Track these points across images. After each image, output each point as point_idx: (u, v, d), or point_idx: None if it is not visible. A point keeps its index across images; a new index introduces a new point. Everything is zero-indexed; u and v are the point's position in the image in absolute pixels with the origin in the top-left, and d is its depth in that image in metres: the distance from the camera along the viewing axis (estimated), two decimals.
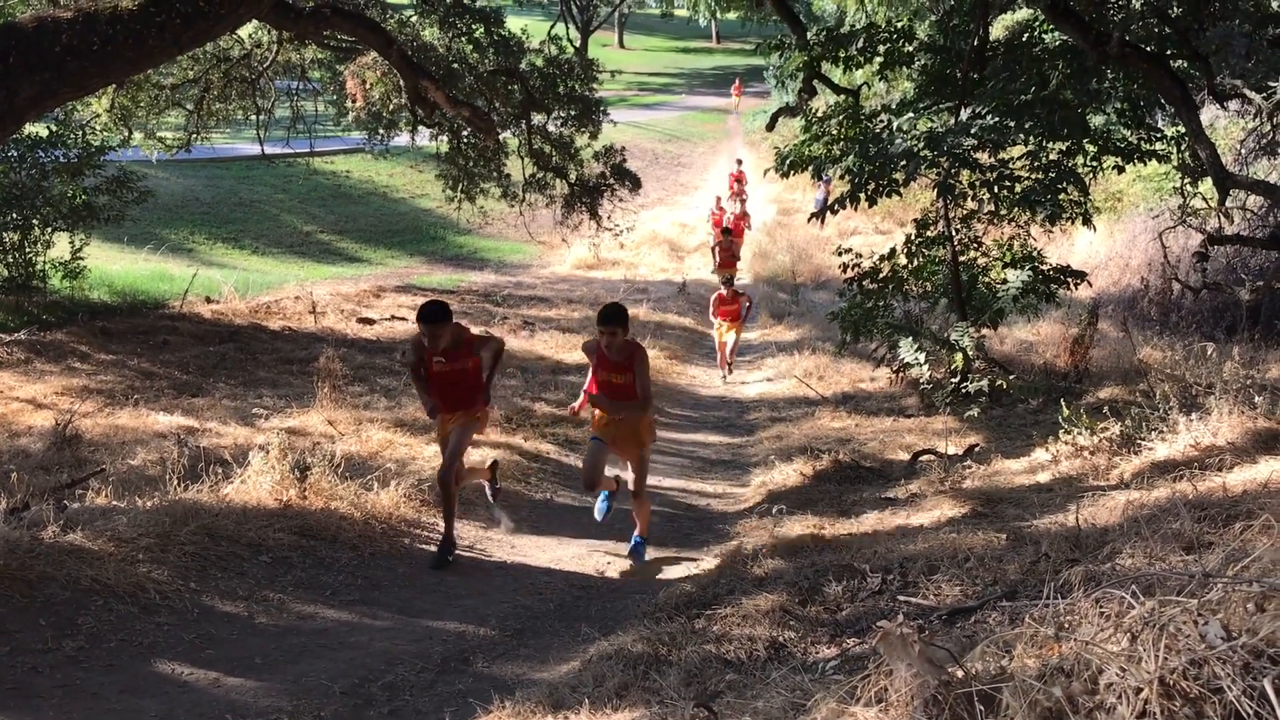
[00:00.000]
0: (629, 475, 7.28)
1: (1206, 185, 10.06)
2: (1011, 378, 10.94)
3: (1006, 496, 7.08)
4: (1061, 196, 10.23)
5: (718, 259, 20.69)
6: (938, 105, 11.37)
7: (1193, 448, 6.90)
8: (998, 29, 13.53)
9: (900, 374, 12.08)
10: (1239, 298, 10.29)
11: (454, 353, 6.97)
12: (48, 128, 14.17)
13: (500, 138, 16.20)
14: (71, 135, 14.23)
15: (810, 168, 11.71)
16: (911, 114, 11.09)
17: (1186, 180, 10.76)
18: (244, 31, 14.52)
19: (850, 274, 12.12)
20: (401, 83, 13.31)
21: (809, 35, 11.78)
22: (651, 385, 7.15)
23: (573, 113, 16.98)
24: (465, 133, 16.20)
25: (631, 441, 7.09)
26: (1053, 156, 10.53)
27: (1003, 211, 11.07)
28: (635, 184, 17.93)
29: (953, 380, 10.88)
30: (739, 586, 5.72)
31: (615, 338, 6.78)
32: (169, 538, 5.99)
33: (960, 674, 2.66)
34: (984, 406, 10.37)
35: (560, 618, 6.16)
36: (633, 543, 7.32)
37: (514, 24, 17.82)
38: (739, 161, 24.93)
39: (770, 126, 14.05)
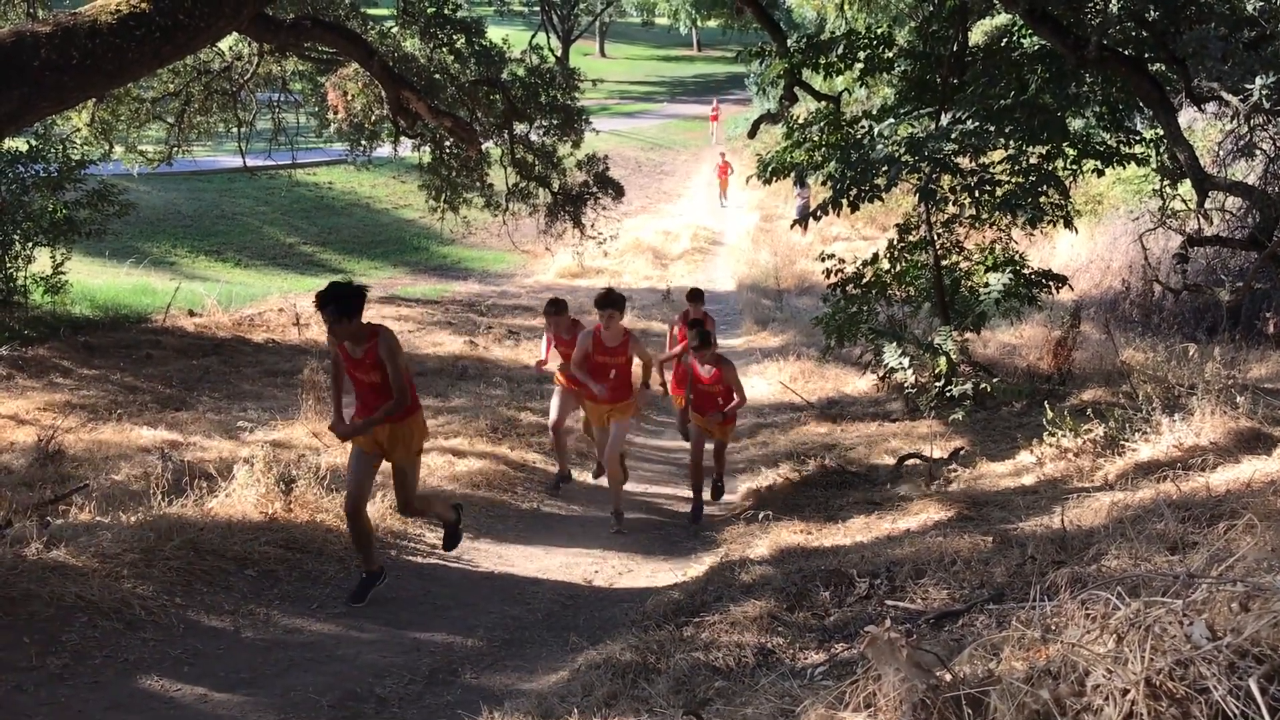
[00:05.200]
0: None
1: (1185, 187, 10.11)
2: (995, 381, 10.98)
3: (992, 499, 7.11)
4: (1042, 200, 10.29)
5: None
6: (918, 111, 11.41)
7: (1176, 448, 6.94)
8: (976, 34, 13.61)
9: (885, 378, 12.11)
10: (1219, 299, 10.33)
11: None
12: (27, 142, 14.09)
13: (483, 148, 16.17)
14: (52, 149, 14.16)
15: (792, 174, 11.75)
16: (892, 120, 11.13)
17: (1165, 183, 10.82)
18: (224, 44, 14.47)
19: (833, 279, 12.17)
20: (383, 94, 13.27)
21: (789, 42, 11.82)
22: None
23: (555, 122, 16.99)
24: (448, 143, 16.18)
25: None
26: (1033, 160, 10.58)
27: (984, 215, 11.13)
28: (618, 192, 17.94)
29: (937, 384, 10.92)
30: (727, 593, 5.72)
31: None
32: (153, 553, 5.95)
33: (948, 678, 2.67)
34: (968, 410, 10.41)
35: (548, 627, 6.15)
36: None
37: (495, 34, 17.82)
38: (695, 293, 11.25)
39: (752, 134, 14.10)
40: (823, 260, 12.53)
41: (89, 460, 8.90)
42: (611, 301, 8.37)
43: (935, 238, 11.72)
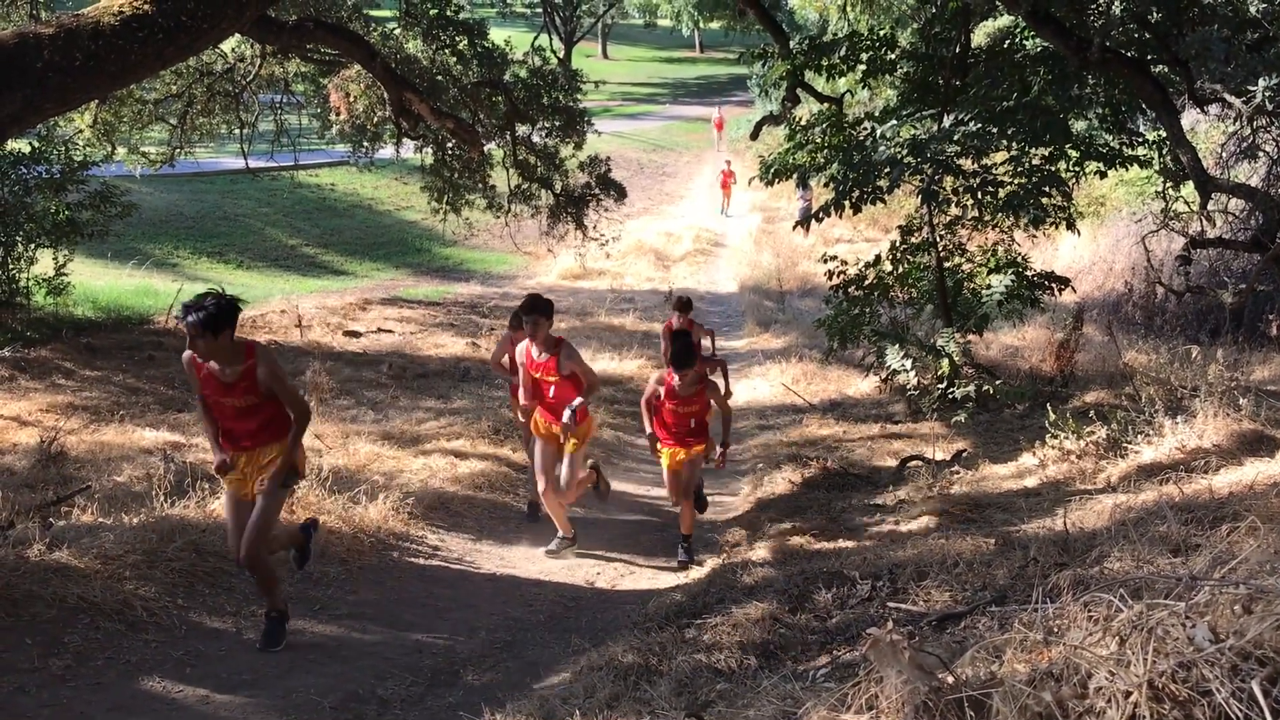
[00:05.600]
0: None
1: (1188, 189, 10.11)
2: (998, 383, 10.97)
3: (994, 501, 7.10)
4: (1045, 201, 10.29)
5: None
6: (921, 112, 11.41)
7: (1179, 450, 6.94)
8: (979, 36, 13.61)
9: (887, 380, 12.11)
10: (1222, 301, 10.33)
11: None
12: (30, 144, 14.09)
13: (485, 149, 16.17)
14: (54, 151, 14.16)
15: (795, 176, 11.74)
16: (895, 121, 11.12)
17: (1168, 184, 10.81)
18: (227, 45, 14.47)
19: (836, 281, 12.16)
20: (385, 95, 13.29)
21: (792, 44, 11.82)
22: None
23: (557, 123, 16.97)
24: (450, 145, 16.18)
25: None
26: (1035, 162, 10.58)
27: (986, 217, 11.12)
28: (620, 194, 17.93)
29: (939, 386, 10.91)
30: (729, 595, 5.72)
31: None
32: (156, 554, 5.96)
33: (950, 680, 2.66)
34: (971, 412, 10.39)
35: (550, 629, 6.15)
36: None
37: (497, 36, 17.82)
38: (682, 303, 10.51)
39: (754, 135, 14.09)
40: (825, 262, 12.52)
41: (91, 462, 8.90)
42: (531, 308, 7.03)
43: (938, 239, 11.71)
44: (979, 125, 9.98)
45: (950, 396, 10.68)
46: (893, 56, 11.56)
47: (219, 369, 5.22)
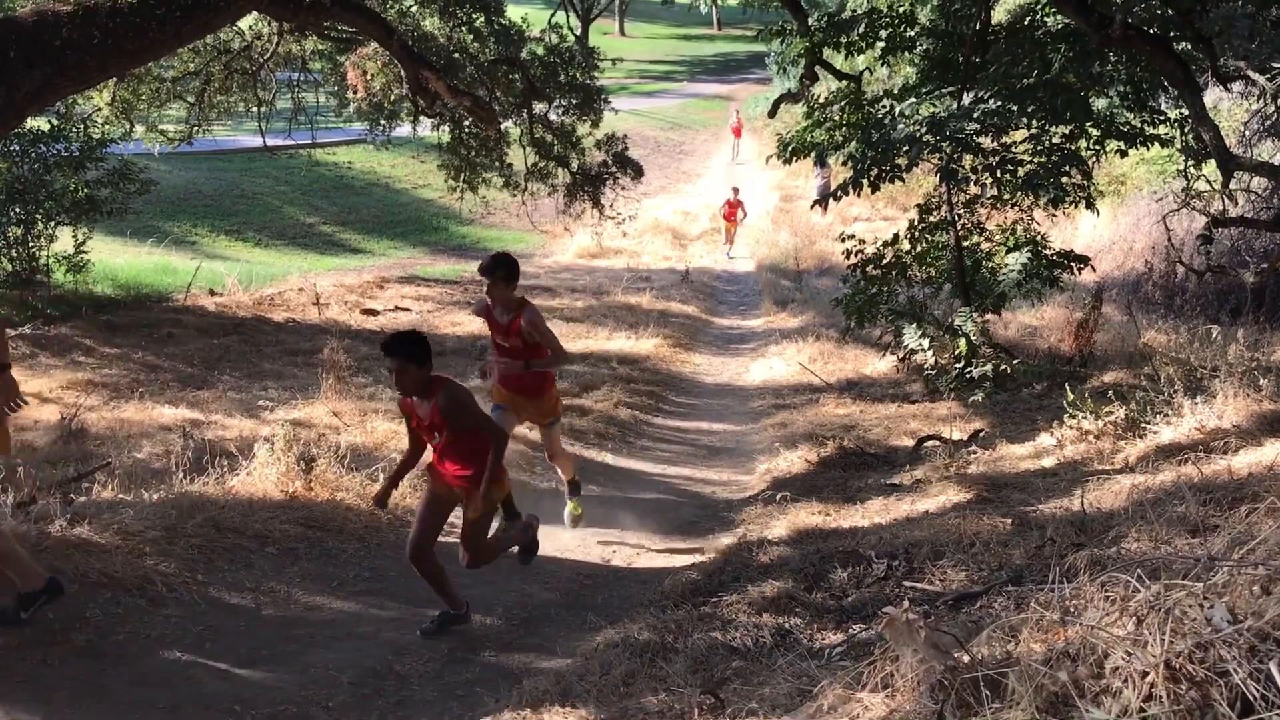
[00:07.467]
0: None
1: (1210, 168, 10.02)
2: (1016, 362, 10.93)
3: (1011, 481, 7.08)
4: (1064, 180, 10.21)
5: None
6: (940, 90, 11.33)
7: (1198, 431, 6.90)
8: (999, 13, 13.47)
9: (904, 360, 12.07)
10: (1243, 280, 10.27)
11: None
12: (49, 122, 14.14)
13: (502, 127, 16.14)
14: (73, 129, 14.21)
15: (813, 154, 11.68)
16: (914, 99, 11.05)
17: (1190, 163, 10.72)
18: (244, 23, 14.48)
19: (853, 260, 12.10)
20: (402, 73, 13.27)
21: (810, 21, 11.74)
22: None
23: (574, 101, 16.91)
24: (467, 123, 16.15)
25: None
26: (1055, 140, 10.49)
27: (1006, 196, 11.05)
28: (637, 172, 17.86)
29: (957, 365, 10.87)
30: (745, 574, 5.73)
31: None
32: (176, 530, 6.01)
33: (966, 659, 2.67)
34: (988, 391, 10.36)
35: (567, 606, 6.17)
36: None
37: (514, 13, 17.75)
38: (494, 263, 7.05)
39: (772, 113, 14.03)
40: (843, 241, 12.46)
41: (111, 438, 8.97)
42: None
43: (956, 218, 11.64)
44: (999, 103, 9.90)
45: (968, 376, 10.65)
46: (912, 33, 11.47)
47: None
